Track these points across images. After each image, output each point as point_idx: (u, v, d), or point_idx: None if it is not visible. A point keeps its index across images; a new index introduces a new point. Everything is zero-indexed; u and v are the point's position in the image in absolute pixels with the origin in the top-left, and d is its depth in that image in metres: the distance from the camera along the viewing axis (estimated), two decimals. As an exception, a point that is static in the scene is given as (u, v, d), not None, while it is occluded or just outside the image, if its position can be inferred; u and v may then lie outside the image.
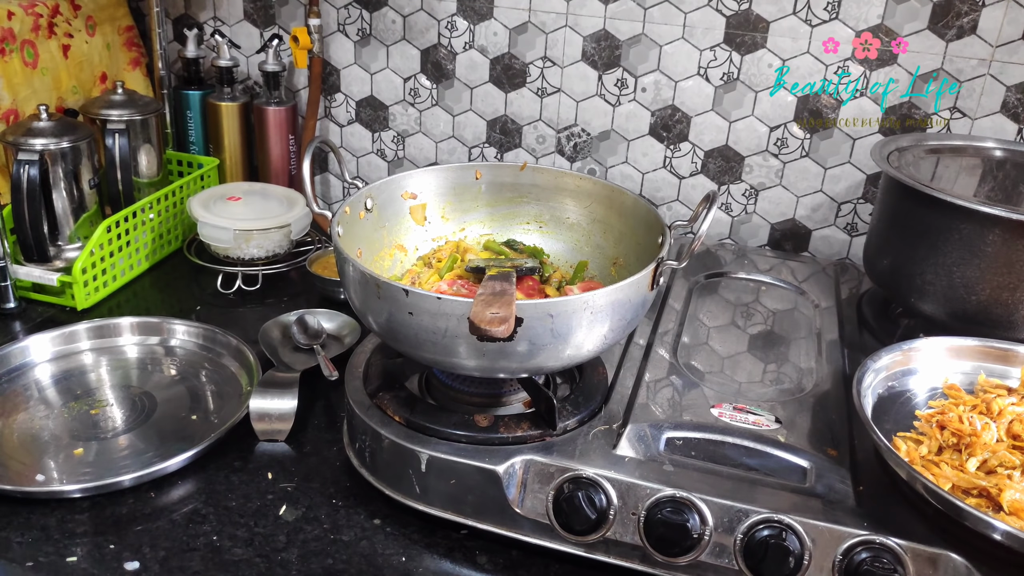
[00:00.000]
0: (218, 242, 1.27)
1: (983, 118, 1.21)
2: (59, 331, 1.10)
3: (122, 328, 1.13)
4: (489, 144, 1.46)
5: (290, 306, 1.19)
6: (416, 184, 1.03)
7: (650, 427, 0.86)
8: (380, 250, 1.00)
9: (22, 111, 1.28)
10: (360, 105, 1.50)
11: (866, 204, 1.32)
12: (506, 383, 0.92)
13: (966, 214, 0.96)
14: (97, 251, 1.20)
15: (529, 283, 0.95)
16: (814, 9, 1.22)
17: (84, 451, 0.93)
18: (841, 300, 1.16)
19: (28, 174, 1.16)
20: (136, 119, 1.31)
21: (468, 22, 1.38)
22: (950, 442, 0.83)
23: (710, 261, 1.25)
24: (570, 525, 0.79)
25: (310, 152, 0.86)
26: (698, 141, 1.35)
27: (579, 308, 0.77)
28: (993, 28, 1.16)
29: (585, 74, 1.35)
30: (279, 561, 0.81)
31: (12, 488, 0.85)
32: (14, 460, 0.91)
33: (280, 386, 0.98)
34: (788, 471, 0.82)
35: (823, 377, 0.97)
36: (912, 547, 0.73)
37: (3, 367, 1.05)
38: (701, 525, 0.76)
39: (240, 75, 1.52)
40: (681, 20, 1.28)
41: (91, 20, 1.39)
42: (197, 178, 1.41)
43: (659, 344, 1.02)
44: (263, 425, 0.96)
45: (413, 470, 0.83)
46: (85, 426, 0.97)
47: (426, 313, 0.76)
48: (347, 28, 1.44)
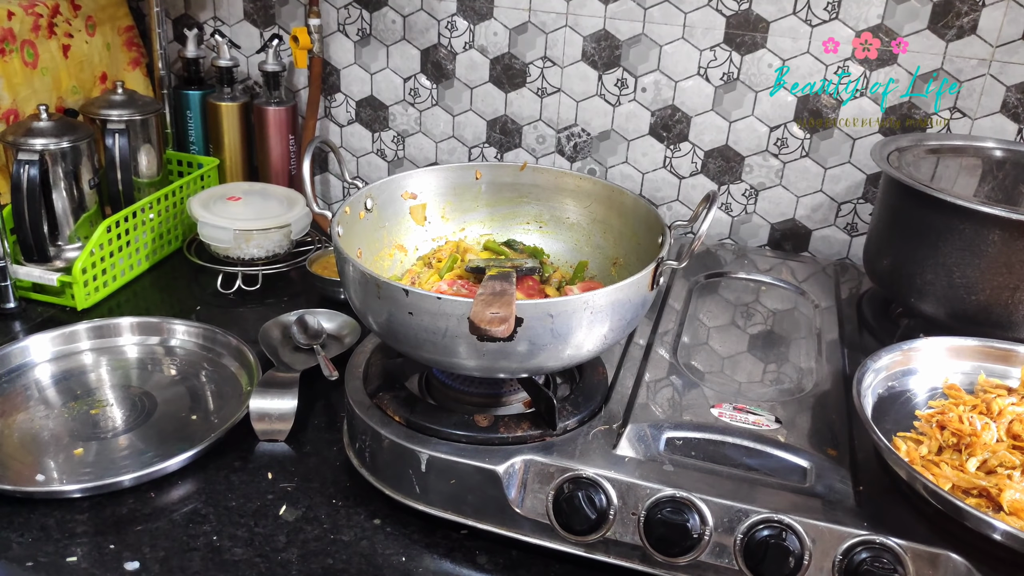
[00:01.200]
0: (218, 242, 1.27)
1: (983, 118, 1.21)
2: (59, 331, 1.10)
3: (122, 328, 1.13)
4: (489, 144, 1.46)
5: (290, 306, 1.19)
6: (416, 184, 1.03)
7: (650, 427, 0.86)
8: (380, 250, 1.00)
9: (22, 111, 1.28)
10: (360, 105, 1.50)
11: (866, 204, 1.32)
12: (506, 383, 0.92)
13: (966, 214, 0.96)
14: (97, 251, 1.20)
15: (529, 283, 0.95)
16: (814, 9, 1.22)
17: (84, 451, 0.93)
18: (841, 300, 1.16)
19: (28, 174, 1.16)
20: (136, 119, 1.31)
21: (468, 22, 1.38)
22: (950, 442, 0.83)
23: (710, 261, 1.25)
24: (570, 525, 0.79)
25: (310, 152, 0.87)
26: (698, 141, 1.35)
27: (579, 308, 0.77)
28: (993, 28, 1.16)
29: (585, 74, 1.35)
30: (279, 561, 0.81)
31: (12, 488, 0.85)
32: (14, 460, 0.91)
33: (280, 386, 0.98)
34: (788, 471, 0.82)
35: (823, 377, 0.97)
36: (912, 547, 0.73)
37: (3, 367, 1.05)
38: (701, 525, 0.76)
39: (240, 75, 1.52)
40: (681, 20, 1.28)
41: (91, 20, 1.39)
42: (197, 178, 1.41)
43: (659, 344, 1.02)
44: (263, 425, 0.96)
45: (413, 470, 0.83)
46: (85, 426, 0.97)
47: (426, 313, 0.76)
48: (347, 28, 1.44)
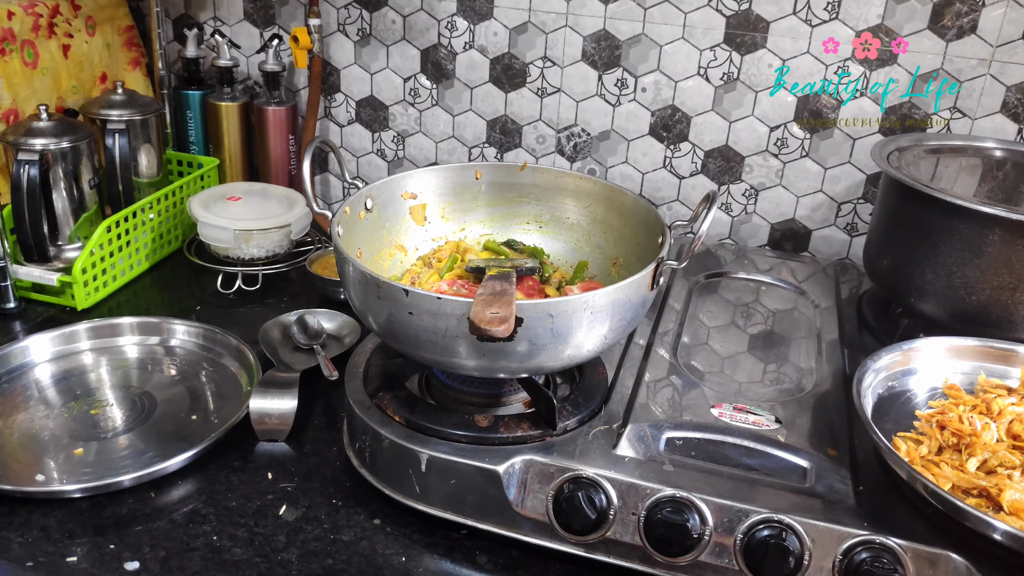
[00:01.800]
0: (218, 242, 1.27)
1: (983, 118, 1.21)
2: (59, 331, 1.10)
3: (122, 328, 1.13)
4: (489, 144, 1.46)
5: (290, 306, 1.19)
6: (416, 184, 1.03)
7: (650, 427, 0.86)
8: (380, 250, 1.00)
9: (22, 111, 1.28)
10: (360, 105, 1.50)
11: (866, 204, 1.32)
12: (506, 383, 0.92)
13: (966, 214, 0.96)
14: (97, 251, 1.20)
15: (529, 283, 0.95)
16: (814, 9, 1.22)
17: (84, 451, 0.93)
18: (841, 300, 1.16)
19: (28, 174, 1.16)
20: (136, 119, 1.31)
21: (468, 22, 1.38)
22: (950, 442, 0.83)
23: (710, 261, 1.25)
24: (570, 525, 0.79)
25: (310, 152, 0.86)
26: (698, 141, 1.35)
27: (579, 308, 0.77)
28: (993, 28, 1.16)
29: (585, 74, 1.35)
30: (279, 561, 0.81)
31: (12, 488, 0.85)
32: (14, 460, 0.91)
33: (280, 386, 0.98)
34: (788, 471, 0.82)
35: (823, 377, 0.97)
36: (912, 547, 0.73)
37: (3, 367, 1.05)
38: (701, 525, 0.76)
39: (240, 75, 1.52)
40: (681, 20, 1.28)
41: (91, 20, 1.39)
42: (197, 178, 1.41)
43: (659, 344, 1.02)
44: (263, 425, 0.96)
45: (413, 470, 0.83)
46: (85, 426, 0.97)
47: (426, 313, 0.76)
48: (347, 28, 1.44)
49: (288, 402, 0.97)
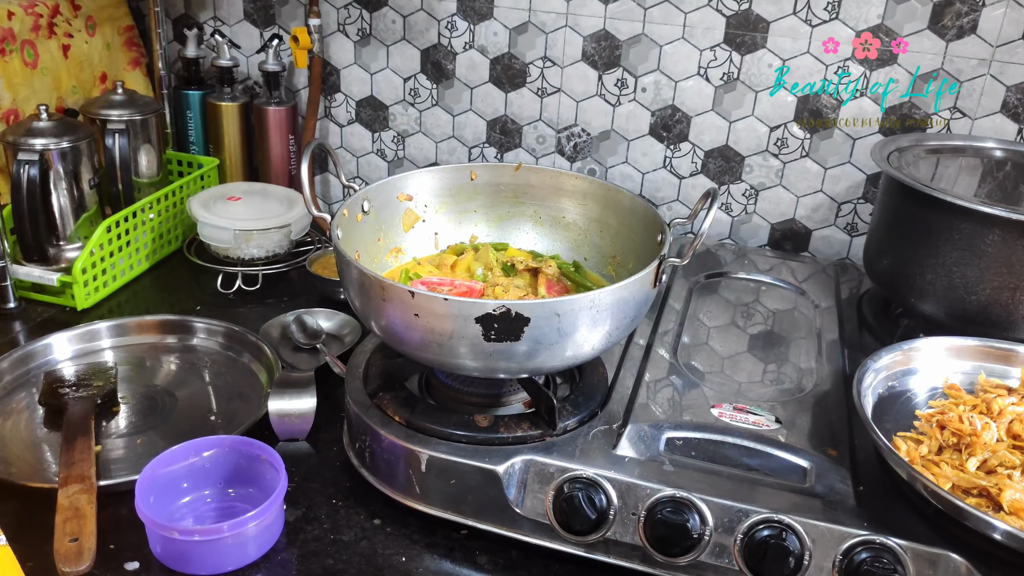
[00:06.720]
0: (218, 242, 1.27)
1: (983, 118, 1.21)
2: (79, 329, 1.10)
3: (140, 327, 1.13)
4: (489, 144, 1.46)
5: (290, 306, 1.19)
6: (412, 186, 1.03)
7: (650, 427, 0.86)
8: (377, 252, 1.00)
9: (22, 111, 1.28)
10: (360, 105, 1.50)
11: (866, 204, 1.32)
12: (506, 383, 0.92)
13: (966, 214, 0.96)
14: (97, 251, 1.20)
15: (559, 286, 0.96)
16: (814, 9, 1.22)
17: (102, 448, 0.93)
18: (841, 300, 1.16)
19: (28, 174, 1.16)
20: (136, 119, 1.31)
21: (468, 22, 1.38)
22: (950, 442, 0.83)
23: (710, 261, 1.25)
24: (570, 525, 0.79)
25: (308, 156, 0.86)
26: (698, 141, 1.35)
27: (584, 306, 0.77)
28: (993, 28, 1.16)
29: (585, 74, 1.35)
30: (279, 561, 0.81)
31: (21, 483, 0.86)
32: (22, 460, 0.91)
33: (297, 386, 0.98)
34: (788, 471, 0.82)
35: (823, 377, 0.97)
36: (912, 547, 0.73)
37: (25, 365, 1.05)
38: (701, 525, 0.76)
39: (240, 75, 1.52)
40: (681, 20, 1.28)
41: (91, 20, 1.39)
42: (197, 178, 1.41)
43: (659, 344, 1.02)
44: (284, 425, 0.95)
45: (413, 470, 0.83)
46: (102, 425, 0.97)
47: (432, 315, 0.76)
48: (347, 28, 1.44)
49: (307, 401, 0.96)
